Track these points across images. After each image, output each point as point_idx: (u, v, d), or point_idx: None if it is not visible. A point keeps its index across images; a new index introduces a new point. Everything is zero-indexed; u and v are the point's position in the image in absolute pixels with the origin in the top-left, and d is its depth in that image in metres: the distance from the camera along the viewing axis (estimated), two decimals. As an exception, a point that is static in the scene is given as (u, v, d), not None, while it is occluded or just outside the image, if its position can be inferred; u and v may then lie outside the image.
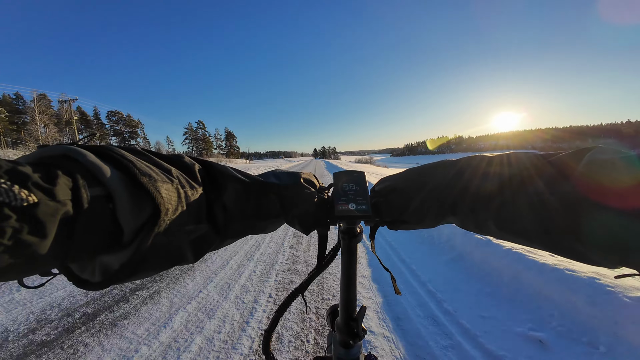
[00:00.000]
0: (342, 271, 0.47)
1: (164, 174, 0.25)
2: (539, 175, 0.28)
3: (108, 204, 0.20)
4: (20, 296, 2.25)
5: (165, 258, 0.26)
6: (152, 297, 2.23)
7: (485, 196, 0.32)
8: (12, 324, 1.88)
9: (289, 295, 0.47)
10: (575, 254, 0.25)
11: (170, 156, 0.30)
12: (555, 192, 0.26)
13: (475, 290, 2.13)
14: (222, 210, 0.33)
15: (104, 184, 0.20)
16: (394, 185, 0.43)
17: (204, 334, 1.76)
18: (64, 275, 0.23)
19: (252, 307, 2.05)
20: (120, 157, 0.23)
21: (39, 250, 0.16)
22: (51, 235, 0.17)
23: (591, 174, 0.24)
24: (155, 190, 0.23)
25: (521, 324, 1.71)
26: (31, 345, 1.67)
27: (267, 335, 0.48)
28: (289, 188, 0.40)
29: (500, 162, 0.33)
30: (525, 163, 0.30)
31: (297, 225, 0.42)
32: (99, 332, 1.80)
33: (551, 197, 0.26)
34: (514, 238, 0.30)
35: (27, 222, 0.15)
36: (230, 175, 0.35)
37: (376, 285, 2.35)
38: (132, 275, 0.23)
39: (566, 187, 0.25)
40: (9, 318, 1.95)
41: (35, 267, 0.18)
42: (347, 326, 0.46)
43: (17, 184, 0.16)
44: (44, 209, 0.16)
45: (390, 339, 1.67)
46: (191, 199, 0.27)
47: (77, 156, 0.21)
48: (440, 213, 0.37)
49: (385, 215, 0.43)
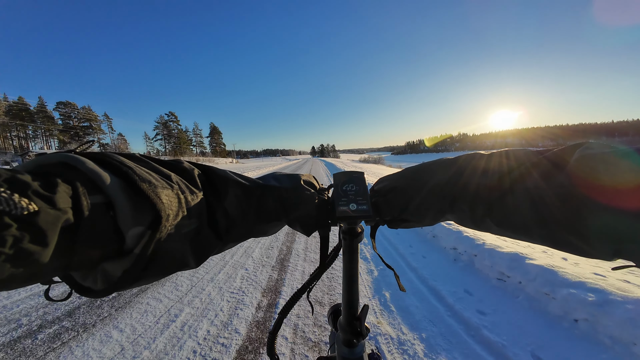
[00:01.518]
0: (344, 271, 0.47)
1: (163, 179, 0.25)
2: (534, 171, 0.28)
3: (109, 211, 0.20)
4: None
5: (168, 264, 0.26)
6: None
7: (483, 193, 0.32)
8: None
9: (292, 297, 0.48)
10: (572, 246, 0.26)
11: (169, 162, 0.30)
12: (549, 186, 0.26)
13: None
14: (223, 215, 0.33)
15: (104, 192, 0.20)
16: (393, 185, 0.43)
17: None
18: (66, 283, 0.23)
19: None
20: (119, 164, 0.23)
21: (41, 259, 0.16)
22: (52, 244, 0.17)
23: (582, 169, 0.24)
24: (155, 197, 0.23)
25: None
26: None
27: (271, 337, 0.48)
28: (289, 190, 0.41)
29: (497, 159, 0.33)
30: (521, 159, 0.31)
31: (298, 227, 0.42)
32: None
33: (546, 192, 0.26)
34: (511, 234, 0.31)
35: (28, 231, 0.15)
36: (230, 180, 0.35)
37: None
38: (135, 282, 0.23)
39: (559, 182, 0.26)
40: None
41: (37, 276, 0.18)
42: (351, 325, 0.46)
43: (17, 192, 0.16)
44: (45, 217, 0.16)
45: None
46: (192, 204, 0.27)
47: (76, 164, 0.21)
48: (440, 210, 0.38)
49: (385, 215, 0.43)
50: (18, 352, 1.64)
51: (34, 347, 1.68)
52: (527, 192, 0.28)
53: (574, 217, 0.24)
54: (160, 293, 2.32)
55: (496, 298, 2.05)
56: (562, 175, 0.26)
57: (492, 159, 0.34)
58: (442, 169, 0.38)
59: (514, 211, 0.29)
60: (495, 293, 2.12)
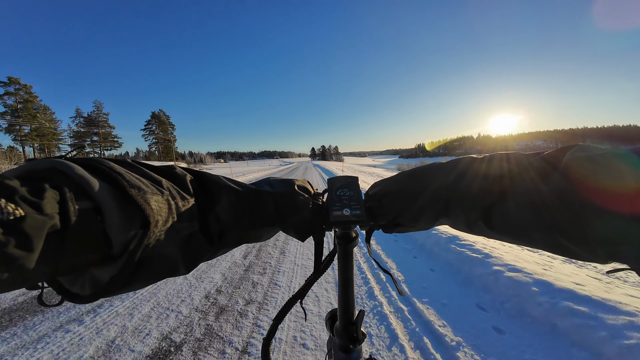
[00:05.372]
0: (340, 276, 0.48)
1: (154, 185, 0.26)
2: (526, 174, 0.29)
3: (97, 217, 0.21)
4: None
5: (157, 270, 0.26)
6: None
7: (476, 197, 0.33)
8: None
9: (286, 303, 0.48)
10: (565, 249, 0.26)
11: (161, 167, 0.30)
12: (540, 190, 0.27)
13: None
14: (216, 221, 0.33)
15: (92, 197, 0.21)
16: (387, 189, 0.44)
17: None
18: (52, 289, 0.23)
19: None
20: (109, 170, 0.23)
21: (26, 264, 0.17)
22: (38, 249, 0.17)
23: (573, 171, 0.25)
24: (144, 202, 0.23)
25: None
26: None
27: (266, 342, 0.48)
28: (284, 195, 0.41)
29: (490, 163, 0.34)
30: (512, 163, 0.32)
31: (292, 233, 0.42)
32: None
33: (537, 196, 0.27)
34: (504, 237, 0.31)
35: (13, 236, 0.16)
36: (223, 185, 0.35)
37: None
38: (123, 287, 0.23)
39: (550, 185, 0.26)
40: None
41: (23, 281, 0.18)
42: (347, 330, 0.47)
43: (4, 197, 0.16)
44: (31, 223, 0.17)
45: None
46: (182, 210, 0.28)
47: (65, 169, 0.21)
48: (434, 215, 0.38)
49: (379, 219, 0.44)
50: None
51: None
52: (518, 196, 0.29)
53: (566, 220, 0.24)
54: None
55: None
56: (553, 178, 0.26)
57: (485, 163, 0.35)
58: (436, 173, 0.39)
59: (506, 215, 0.30)
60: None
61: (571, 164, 0.25)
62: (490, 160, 0.34)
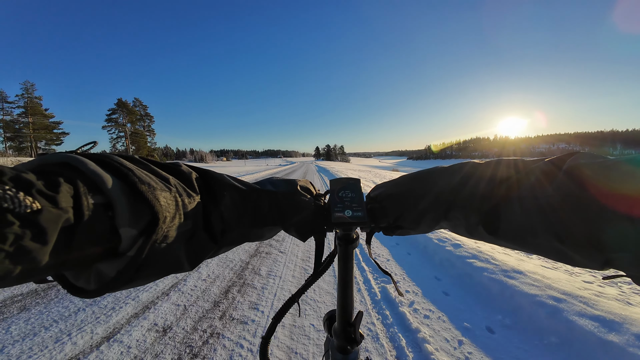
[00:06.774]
0: (339, 277, 0.48)
1: (162, 182, 0.26)
2: (525, 180, 0.30)
3: (107, 212, 0.21)
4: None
5: (162, 266, 0.27)
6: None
7: (477, 201, 0.33)
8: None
9: (286, 302, 0.49)
10: (561, 255, 0.26)
11: (168, 164, 0.31)
12: (539, 196, 0.27)
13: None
14: (219, 218, 0.33)
15: (104, 192, 0.21)
16: (389, 192, 0.44)
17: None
18: (57, 282, 0.23)
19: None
20: (119, 165, 0.24)
21: (39, 257, 0.17)
22: (52, 242, 0.17)
23: (572, 178, 0.25)
24: (154, 199, 0.24)
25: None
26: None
27: (264, 342, 0.49)
28: (286, 195, 0.42)
29: (491, 168, 0.35)
30: (519, 167, 0.32)
31: (294, 232, 0.43)
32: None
33: (535, 202, 0.27)
34: (502, 242, 0.32)
35: (29, 229, 0.16)
36: (227, 184, 0.36)
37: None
38: (127, 283, 0.24)
39: (548, 191, 0.26)
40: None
41: (33, 275, 0.18)
42: (345, 332, 0.47)
43: (22, 190, 0.16)
44: (47, 216, 0.17)
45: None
46: (188, 208, 0.28)
47: (77, 164, 0.21)
48: (435, 218, 0.39)
49: (380, 221, 0.44)
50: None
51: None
52: (516, 202, 0.29)
53: (563, 226, 0.25)
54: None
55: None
56: (552, 184, 0.27)
57: (490, 167, 0.35)
58: (438, 177, 0.39)
59: (504, 220, 0.30)
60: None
61: (571, 171, 0.25)
62: (496, 165, 0.35)
